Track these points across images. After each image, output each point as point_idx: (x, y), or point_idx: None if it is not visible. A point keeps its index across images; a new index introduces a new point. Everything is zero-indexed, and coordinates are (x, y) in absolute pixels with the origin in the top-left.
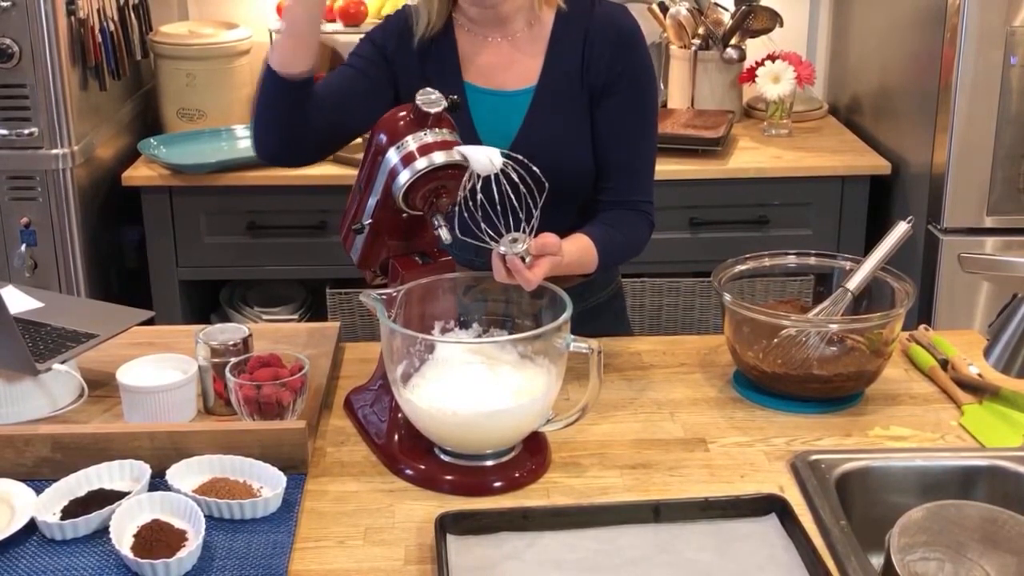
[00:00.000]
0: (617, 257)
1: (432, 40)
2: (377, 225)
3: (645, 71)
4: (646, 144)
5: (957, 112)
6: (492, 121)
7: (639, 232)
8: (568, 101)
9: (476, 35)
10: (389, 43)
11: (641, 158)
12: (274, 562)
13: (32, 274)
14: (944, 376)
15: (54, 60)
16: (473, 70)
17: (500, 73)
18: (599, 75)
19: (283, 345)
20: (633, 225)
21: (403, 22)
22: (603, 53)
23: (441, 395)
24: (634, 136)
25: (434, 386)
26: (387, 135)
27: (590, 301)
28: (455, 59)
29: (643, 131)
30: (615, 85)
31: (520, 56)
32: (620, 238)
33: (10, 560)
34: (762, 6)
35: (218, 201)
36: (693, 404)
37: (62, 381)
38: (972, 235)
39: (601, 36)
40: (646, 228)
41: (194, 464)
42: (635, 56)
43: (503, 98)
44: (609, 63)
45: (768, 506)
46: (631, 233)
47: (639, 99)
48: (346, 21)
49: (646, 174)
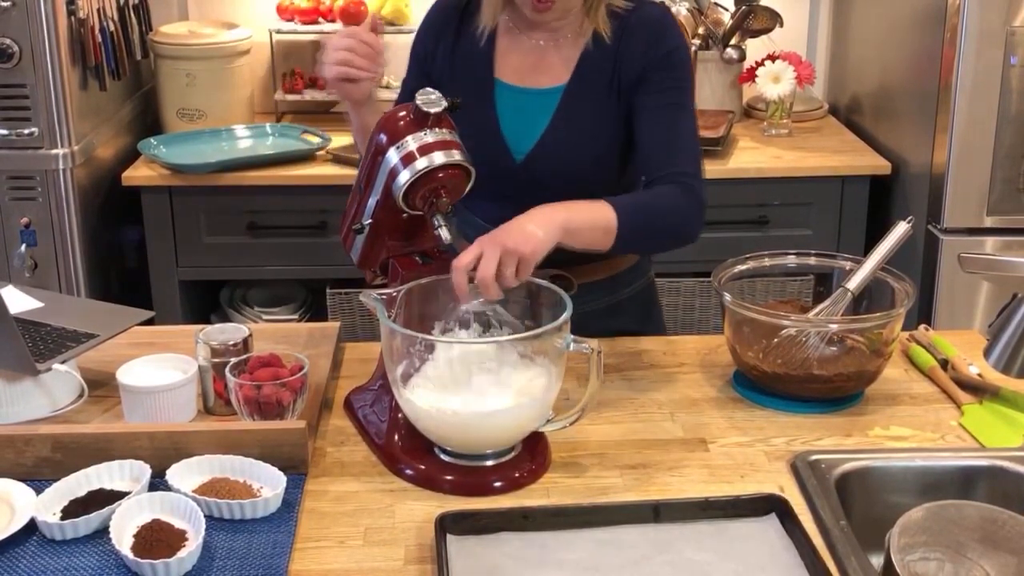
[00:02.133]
0: (646, 220)
1: (473, 33)
2: (377, 225)
3: (679, 49)
4: (683, 117)
5: (957, 112)
6: (518, 119)
7: (674, 200)
8: (597, 100)
9: (519, 35)
10: (427, 46)
11: (678, 132)
12: (274, 562)
13: (32, 274)
14: (944, 376)
15: (54, 60)
16: (506, 67)
17: (533, 71)
18: (632, 67)
19: (283, 345)
20: (667, 194)
21: (441, 16)
22: (636, 48)
23: (441, 395)
24: (670, 111)
25: (434, 386)
26: (387, 135)
27: (617, 295)
28: (490, 55)
29: (679, 104)
30: (649, 69)
31: (556, 56)
32: (646, 199)
33: (10, 560)
34: (762, 6)
35: (218, 201)
36: (693, 404)
37: (62, 381)
38: (972, 235)
39: (635, 34)
40: (685, 198)
41: (194, 464)
42: (668, 38)
43: (532, 96)
44: (643, 52)
45: (768, 506)
46: (662, 199)
47: (674, 75)
48: (346, 21)
49: (684, 148)
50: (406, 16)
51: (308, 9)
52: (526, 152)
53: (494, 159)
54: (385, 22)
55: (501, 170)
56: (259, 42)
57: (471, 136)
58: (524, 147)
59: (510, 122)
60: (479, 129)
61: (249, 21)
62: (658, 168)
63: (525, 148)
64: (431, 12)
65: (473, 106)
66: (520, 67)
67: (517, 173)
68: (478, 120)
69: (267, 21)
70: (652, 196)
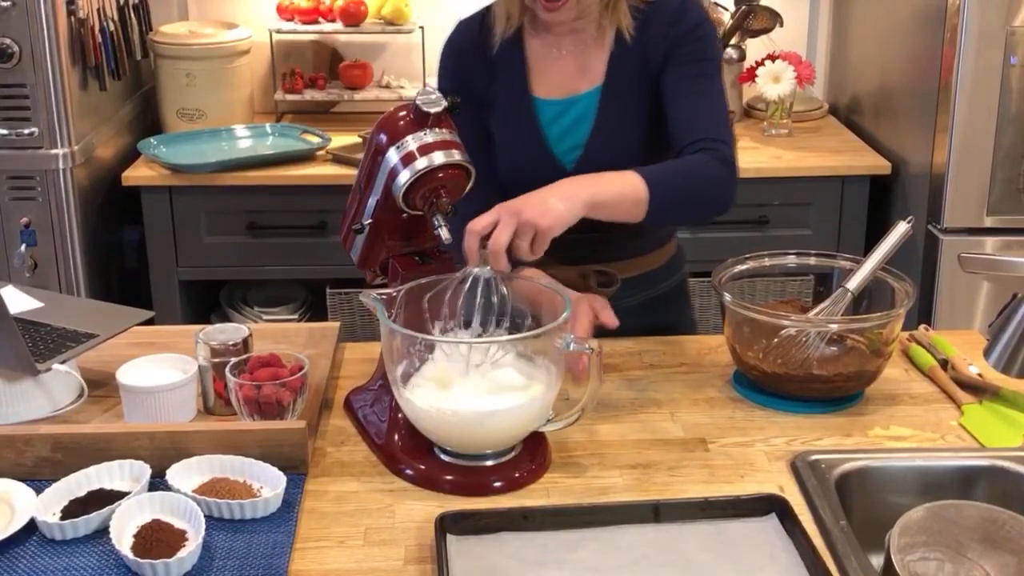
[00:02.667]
0: (678, 189)
1: (501, 53)
2: (377, 225)
3: (703, 24)
4: (710, 86)
5: (957, 112)
6: (562, 130)
7: (706, 168)
8: (633, 95)
9: (547, 41)
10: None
11: (706, 100)
12: (274, 562)
13: (32, 274)
14: (944, 376)
15: (54, 60)
16: (540, 83)
17: (567, 80)
18: (657, 50)
19: (283, 345)
20: (698, 162)
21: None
22: (658, 32)
23: (441, 395)
24: (697, 82)
25: (434, 386)
26: (387, 135)
27: (653, 291)
28: (524, 75)
29: (706, 75)
30: (674, 45)
31: (588, 58)
32: (677, 167)
33: (10, 560)
34: (762, 6)
35: (218, 201)
36: (693, 404)
37: (62, 381)
38: (972, 235)
39: (656, 20)
40: (717, 164)
41: (194, 464)
42: (689, 15)
43: (571, 104)
44: (665, 34)
45: (768, 506)
46: (693, 167)
47: (699, 47)
48: (346, 21)
49: (713, 116)
50: (406, 16)
51: (308, 9)
52: (575, 159)
53: (546, 172)
54: (385, 22)
55: (555, 179)
56: (259, 42)
57: (520, 154)
58: (573, 155)
59: (555, 135)
60: (527, 147)
61: (249, 21)
62: (688, 136)
63: (574, 156)
64: (456, 47)
65: (517, 125)
66: (554, 79)
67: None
68: (525, 139)
69: (267, 21)
70: (683, 164)
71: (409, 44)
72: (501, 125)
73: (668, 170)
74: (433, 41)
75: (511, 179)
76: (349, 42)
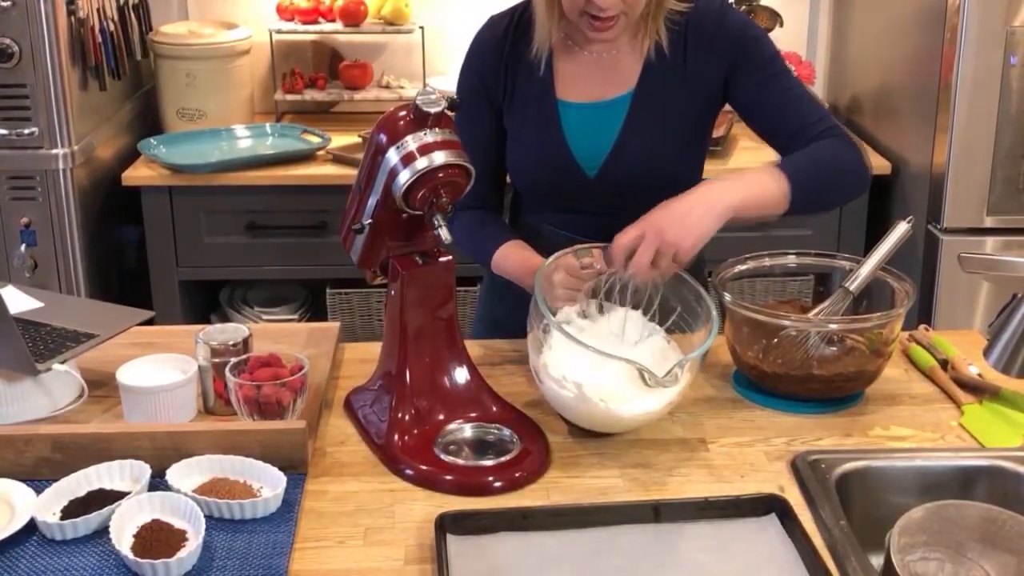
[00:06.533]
0: (819, 175)
1: (527, 55)
2: (377, 225)
3: (749, 26)
4: (791, 79)
5: (957, 112)
6: (586, 135)
7: (836, 148)
8: (666, 104)
9: (577, 52)
10: (485, 79)
11: (795, 92)
12: (274, 562)
13: (32, 274)
14: (944, 376)
15: (54, 60)
16: (567, 87)
17: (596, 85)
18: (705, 62)
19: (283, 345)
20: (826, 145)
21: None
22: (701, 41)
23: (572, 368)
24: (778, 79)
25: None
26: (387, 135)
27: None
28: (549, 76)
29: (783, 71)
30: (737, 59)
31: (618, 65)
32: (810, 154)
33: (10, 560)
34: (762, 6)
35: (218, 201)
36: (693, 404)
37: (62, 381)
38: (972, 235)
39: (697, 26)
40: (843, 143)
41: (194, 464)
42: (732, 20)
43: (597, 109)
44: (713, 44)
45: (768, 506)
46: (825, 150)
47: (760, 48)
48: (346, 21)
49: (809, 103)
50: (406, 16)
51: (308, 9)
52: (598, 167)
53: (567, 177)
54: (385, 22)
55: (575, 186)
56: (259, 42)
57: (541, 157)
58: (596, 162)
59: (578, 140)
60: (549, 151)
61: (249, 21)
62: (798, 128)
63: (597, 163)
64: (479, 44)
65: (539, 129)
66: (582, 83)
67: (591, 187)
68: (546, 142)
69: (267, 21)
70: (815, 150)
71: (409, 44)
72: (521, 126)
73: (806, 159)
74: (433, 41)
75: (526, 181)
76: (349, 42)
